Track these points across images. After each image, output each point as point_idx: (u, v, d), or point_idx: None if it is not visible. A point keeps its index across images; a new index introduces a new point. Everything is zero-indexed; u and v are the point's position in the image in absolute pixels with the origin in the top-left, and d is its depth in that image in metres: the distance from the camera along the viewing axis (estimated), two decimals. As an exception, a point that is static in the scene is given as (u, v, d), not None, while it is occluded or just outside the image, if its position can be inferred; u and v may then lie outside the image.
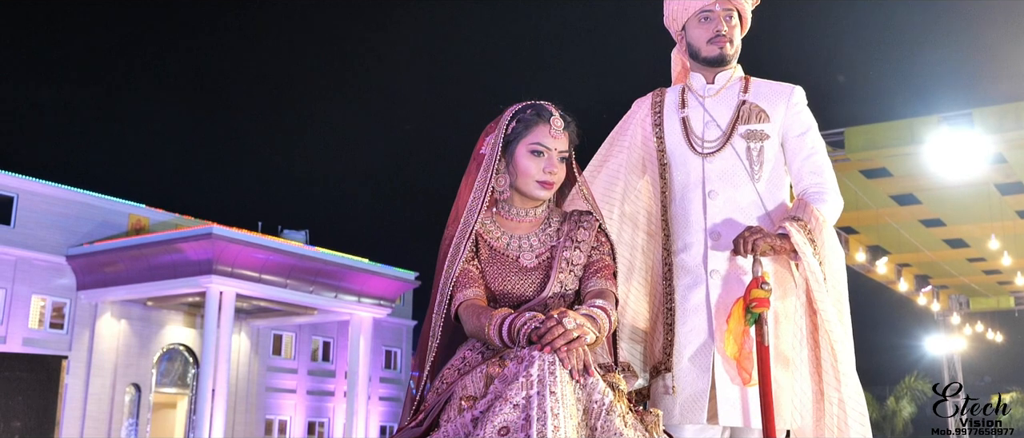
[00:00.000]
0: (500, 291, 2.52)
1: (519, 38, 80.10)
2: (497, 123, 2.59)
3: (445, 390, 2.32)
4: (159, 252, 23.43)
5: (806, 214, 2.77)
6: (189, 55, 77.03)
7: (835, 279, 2.77)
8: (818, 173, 2.92)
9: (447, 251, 2.54)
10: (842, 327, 2.73)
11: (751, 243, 2.65)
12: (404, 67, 79.39)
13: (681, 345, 2.80)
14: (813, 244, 2.71)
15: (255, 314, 27.74)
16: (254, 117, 76.22)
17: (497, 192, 2.59)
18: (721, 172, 2.91)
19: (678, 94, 3.08)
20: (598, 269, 2.55)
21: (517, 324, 2.22)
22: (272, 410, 29.75)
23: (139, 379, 25.71)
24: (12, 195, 23.85)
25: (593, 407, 2.08)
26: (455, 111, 65.00)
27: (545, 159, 2.53)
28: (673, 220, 2.95)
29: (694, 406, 2.74)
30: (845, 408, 2.66)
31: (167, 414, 27.18)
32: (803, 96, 3.02)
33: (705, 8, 2.96)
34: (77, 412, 23.97)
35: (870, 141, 12.90)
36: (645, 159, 3.08)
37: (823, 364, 2.71)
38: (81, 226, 24.80)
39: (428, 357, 2.48)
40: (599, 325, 2.32)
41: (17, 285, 23.57)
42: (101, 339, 24.89)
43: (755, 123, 2.93)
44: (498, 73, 67.00)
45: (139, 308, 25.75)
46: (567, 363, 2.07)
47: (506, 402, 2.03)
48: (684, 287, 2.86)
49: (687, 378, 2.77)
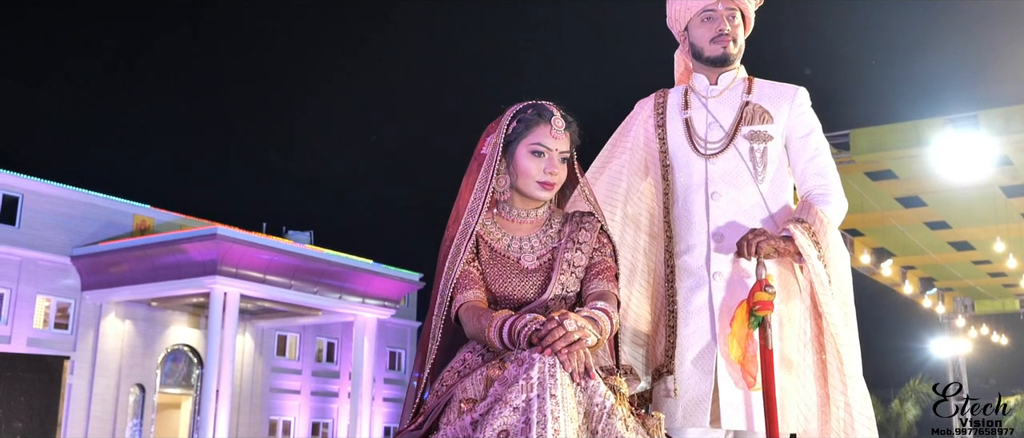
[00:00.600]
0: (501, 293, 2.50)
1: (524, 38, 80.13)
2: (498, 123, 2.57)
3: (445, 392, 2.30)
4: (164, 253, 23.44)
5: (810, 216, 2.75)
6: (194, 55, 77.11)
7: (840, 282, 2.75)
8: (822, 175, 2.90)
9: (447, 252, 2.51)
10: (848, 330, 2.71)
11: (755, 245, 2.63)
12: (409, 67, 79.45)
13: (683, 348, 2.78)
14: (818, 246, 2.69)
15: (259, 315, 27.74)
16: (259, 118, 76.30)
17: (498, 193, 2.57)
18: (724, 173, 2.89)
19: (681, 95, 3.06)
20: (600, 271, 2.53)
21: (517, 326, 2.20)
22: (276, 411, 29.75)
23: (143, 379, 25.72)
24: (17, 195, 23.87)
25: (594, 410, 2.06)
26: (460, 111, 65.02)
27: (546, 160, 2.51)
28: (676, 222, 2.93)
29: (697, 409, 2.72)
30: (851, 412, 2.64)
31: (171, 415, 27.19)
32: (807, 97, 3.00)
33: (708, 7, 2.95)
34: (81, 412, 23.99)
35: (875, 143, 12.88)
36: (648, 160, 3.06)
37: (829, 368, 2.68)
38: (86, 226, 24.81)
39: (428, 359, 2.46)
40: (600, 327, 2.30)
41: (22, 285, 23.58)
42: (105, 339, 24.90)
43: (758, 124, 2.91)
44: (504, 72, 66.97)
45: (143, 308, 25.76)
46: (568, 366, 2.05)
47: (506, 405, 2.01)
48: (687, 289, 2.84)
49: (689, 381, 2.74)
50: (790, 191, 2.97)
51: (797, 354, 2.70)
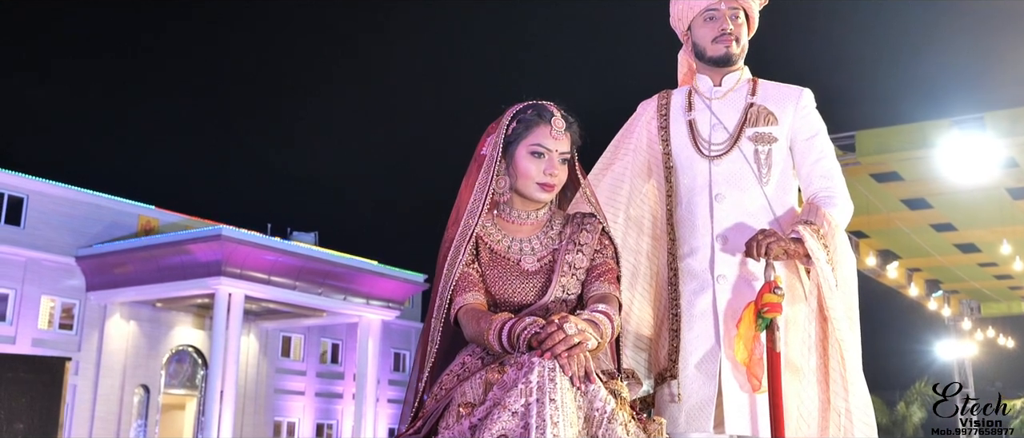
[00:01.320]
0: (501, 295, 2.47)
1: (528, 37, 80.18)
2: (498, 123, 2.54)
3: (444, 396, 2.27)
4: (168, 253, 23.45)
5: (818, 218, 2.72)
6: (200, 56, 77.28)
7: (846, 285, 2.71)
8: (828, 177, 2.87)
9: (447, 254, 2.48)
10: (852, 335, 2.67)
11: (764, 246, 2.60)
12: (415, 68, 79.53)
13: (687, 351, 2.74)
14: (826, 249, 2.66)
15: (264, 316, 27.75)
16: (264, 118, 76.44)
17: (497, 194, 2.54)
18: (728, 175, 2.85)
19: (684, 96, 3.02)
20: (601, 273, 2.50)
21: (517, 329, 2.17)
22: (281, 412, 29.76)
23: (148, 380, 25.73)
24: (22, 196, 23.90)
25: (594, 415, 2.04)
26: (464, 111, 65.01)
27: (545, 160, 2.48)
28: (679, 224, 2.90)
29: (700, 414, 2.68)
30: (852, 419, 2.60)
31: (176, 415, 27.21)
32: (812, 99, 2.96)
33: (710, 7, 2.91)
34: (86, 413, 24.02)
35: (881, 145, 12.83)
36: (651, 162, 3.03)
37: (831, 373, 2.65)
38: (91, 227, 24.84)
39: (427, 362, 2.43)
40: (601, 330, 2.27)
41: (27, 286, 23.61)
42: (110, 340, 24.92)
43: (763, 126, 2.88)
44: (509, 72, 67.07)
45: (148, 309, 25.78)
46: (568, 370, 2.03)
47: (504, 409, 1.98)
48: (690, 292, 2.81)
49: (693, 385, 2.71)
50: (795, 193, 2.94)
51: (801, 358, 2.67)
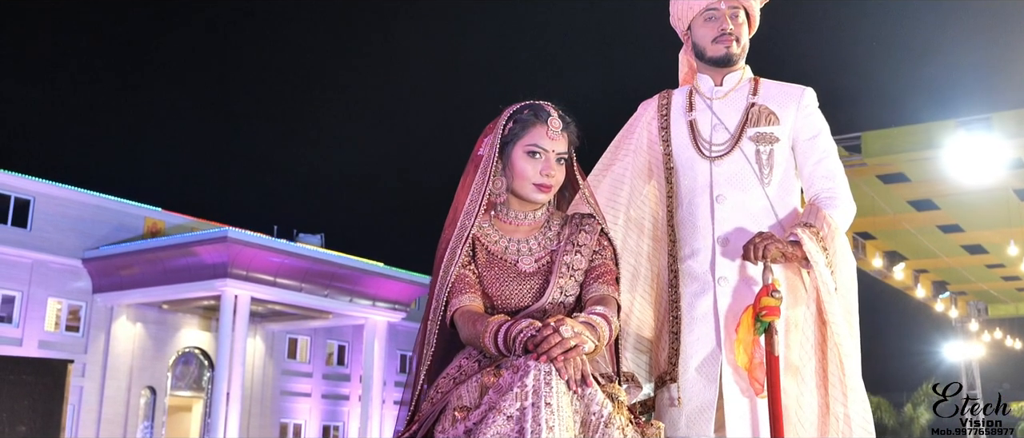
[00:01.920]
0: (498, 297, 2.45)
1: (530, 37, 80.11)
2: (495, 124, 2.51)
3: (439, 399, 2.25)
4: (175, 255, 23.48)
5: (818, 220, 2.69)
6: (206, 58, 77.39)
7: (846, 289, 2.68)
8: (830, 178, 2.83)
9: (443, 255, 2.45)
10: (851, 340, 2.64)
11: (762, 249, 2.57)
12: (419, 69, 79.54)
13: (687, 354, 2.71)
14: (825, 252, 2.63)
15: (270, 317, 27.77)
16: (270, 121, 76.52)
17: (494, 195, 2.51)
18: (729, 176, 2.82)
19: (685, 96, 2.99)
20: (599, 274, 2.47)
21: (513, 332, 2.14)
22: (287, 414, 29.77)
23: (154, 382, 25.75)
24: (28, 198, 23.93)
25: (591, 419, 2.01)
26: (471, 112, 65.00)
27: (542, 161, 2.45)
28: (680, 226, 2.87)
29: (701, 418, 2.65)
30: (850, 424, 2.57)
31: (182, 417, 27.24)
32: (814, 98, 2.93)
33: (710, 6, 2.88)
34: (92, 415, 24.03)
35: (887, 145, 12.81)
36: (651, 163, 3.00)
37: (830, 378, 2.62)
38: (97, 229, 24.86)
39: (423, 365, 2.40)
40: (598, 333, 2.24)
41: (33, 288, 23.64)
42: (117, 342, 24.95)
43: (764, 126, 2.84)
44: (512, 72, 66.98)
45: (154, 311, 25.80)
46: (564, 373, 2.00)
47: (499, 413, 1.96)
48: (691, 294, 2.78)
49: (693, 389, 2.68)
50: (797, 194, 2.90)
51: (801, 361, 2.64)
